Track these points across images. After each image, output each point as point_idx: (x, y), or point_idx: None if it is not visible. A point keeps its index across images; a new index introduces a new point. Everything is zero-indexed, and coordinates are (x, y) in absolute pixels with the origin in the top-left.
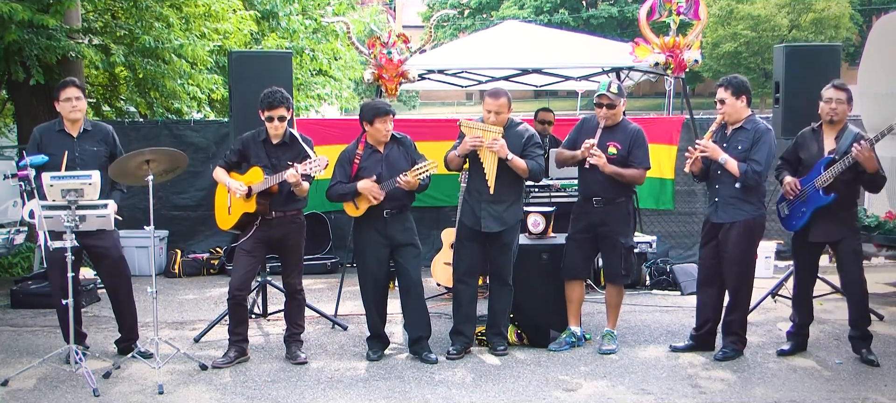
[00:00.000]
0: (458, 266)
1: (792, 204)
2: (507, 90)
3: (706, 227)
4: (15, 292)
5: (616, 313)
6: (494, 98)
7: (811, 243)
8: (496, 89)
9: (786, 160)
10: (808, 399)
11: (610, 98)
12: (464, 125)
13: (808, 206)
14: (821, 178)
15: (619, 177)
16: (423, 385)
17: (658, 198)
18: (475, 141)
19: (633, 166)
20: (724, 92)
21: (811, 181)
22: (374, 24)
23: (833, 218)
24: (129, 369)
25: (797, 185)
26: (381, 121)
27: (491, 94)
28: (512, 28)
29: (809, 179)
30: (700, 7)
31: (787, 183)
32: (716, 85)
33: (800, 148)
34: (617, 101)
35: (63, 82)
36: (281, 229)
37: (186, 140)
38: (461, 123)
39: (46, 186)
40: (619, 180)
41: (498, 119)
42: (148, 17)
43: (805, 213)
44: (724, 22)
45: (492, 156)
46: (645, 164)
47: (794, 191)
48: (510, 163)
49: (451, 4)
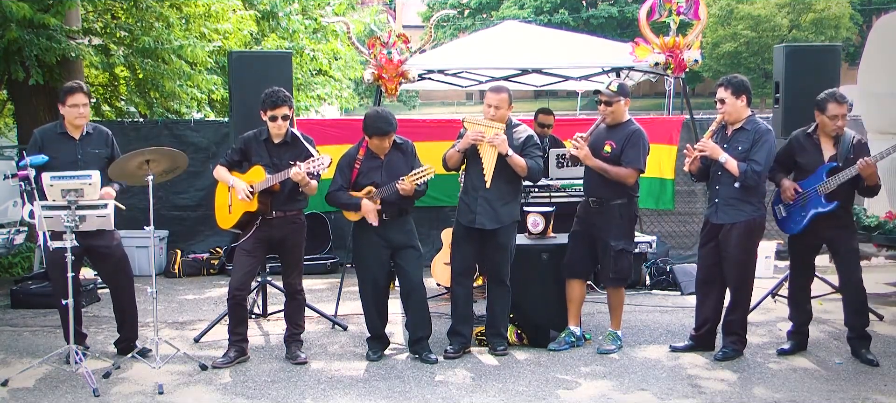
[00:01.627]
0: (454, 266)
1: (790, 207)
2: (508, 88)
3: (706, 228)
4: (15, 292)
5: (618, 314)
6: (496, 93)
7: (808, 243)
8: (498, 85)
9: (779, 162)
10: (808, 399)
11: (606, 95)
12: (468, 121)
13: (807, 211)
14: (825, 185)
15: (603, 172)
16: (423, 385)
17: (658, 198)
18: (477, 135)
19: (622, 165)
20: (724, 91)
21: (812, 186)
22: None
23: (832, 219)
24: (129, 369)
25: (796, 189)
26: (379, 140)
27: (492, 89)
28: (512, 28)
29: (811, 184)
30: (700, 7)
31: (787, 187)
32: (716, 85)
33: (795, 151)
34: (614, 99)
35: (70, 87)
36: (281, 229)
37: (186, 140)
38: (465, 120)
39: (46, 186)
40: (606, 177)
41: (498, 113)
42: (148, 17)
43: (804, 217)
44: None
45: (491, 152)
46: (635, 165)
47: (793, 196)
48: (509, 160)
49: (451, 4)
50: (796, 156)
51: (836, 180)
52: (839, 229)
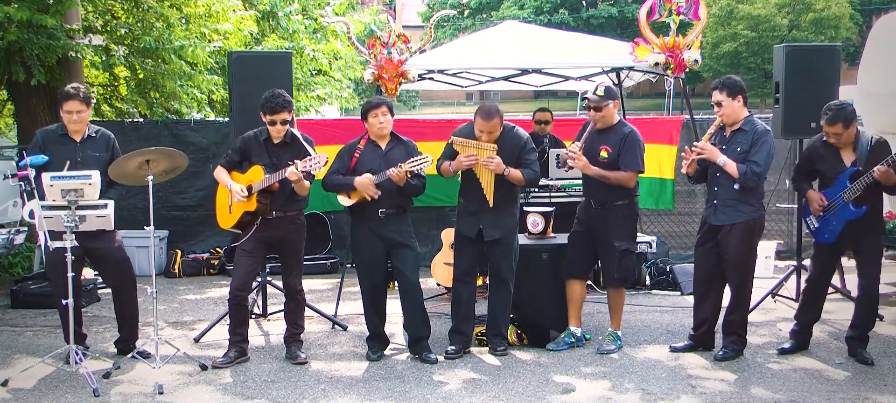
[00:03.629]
0: (457, 268)
1: (821, 217)
2: (498, 106)
3: (704, 228)
4: (15, 292)
5: (618, 314)
6: (487, 120)
7: (839, 246)
8: (488, 109)
9: (801, 171)
10: (808, 399)
11: (593, 100)
12: (456, 143)
13: (838, 219)
14: (849, 192)
15: (604, 179)
16: (423, 385)
17: (658, 199)
18: (470, 160)
19: (620, 169)
20: (720, 94)
21: (838, 194)
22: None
23: (864, 223)
24: (130, 369)
25: (823, 200)
26: (374, 115)
27: (483, 116)
28: (512, 28)
29: (836, 192)
30: (700, 7)
31: (813, 199)
32: (710, 88)
33: (815, 160)
34: (602, 104)
35: (67, 93)
36: (281, 229)
37: (186, 140)
38: (453, 141)
39: (46, 186)
40: (606, 183)
41: (490, 138)
42: (148, 17)
43: (837, 227)
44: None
45: (489, 173)
46: (633, 167)
47: (821, 207)
48: (507, 177)
49: (451, 4)
50: (816, 165)
51: (859, 185)
52: (867, 231)
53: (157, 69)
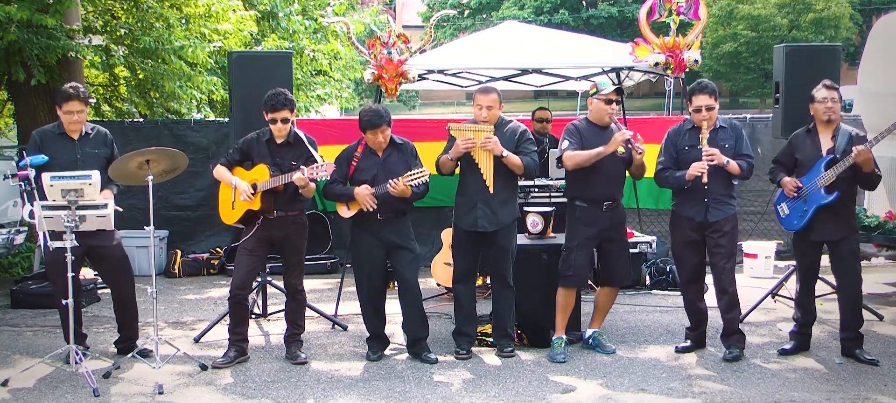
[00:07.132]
0: (456, 270)
1: (793, 204)
2: (497, 88)
3: (687, 226)
4: (15, 292)
5: (605, 315)
6: (486, 94)
7: (812, 242)
8: (486, 86)
9: (780, 162)
10: (808, 399)
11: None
12: (453, 129)
13: (809, 205)
14: (823, 178)
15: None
16: (423, 385)
17: (658, 198)
18: (467, 143)
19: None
20: (710, 98)
21: (812, 180)
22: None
23: (834, 216)
24: (130, 369)
25: (797, 184)
26: (372, 133)
27: (482, 91)
28: (512, 28)
29: (810, 178)
30: (700, 7)
31: (787, 182)
32: (694, 93)
33: (795, 149)
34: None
35: (67, 93)
36: (283, 229)
37: (186, 140)
38: (449, 127)
39: (46, 186)
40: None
41: (490, 114)
42: (148, 17)
43: (807, 213)
44: (724, 22)
45: (487, 156)
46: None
47: (795, 191)
48: (505, 160)
49: (451, 4)
50: (796, 153)
51: (833, 171)
52: (840, 228)
53: (157, 69)
